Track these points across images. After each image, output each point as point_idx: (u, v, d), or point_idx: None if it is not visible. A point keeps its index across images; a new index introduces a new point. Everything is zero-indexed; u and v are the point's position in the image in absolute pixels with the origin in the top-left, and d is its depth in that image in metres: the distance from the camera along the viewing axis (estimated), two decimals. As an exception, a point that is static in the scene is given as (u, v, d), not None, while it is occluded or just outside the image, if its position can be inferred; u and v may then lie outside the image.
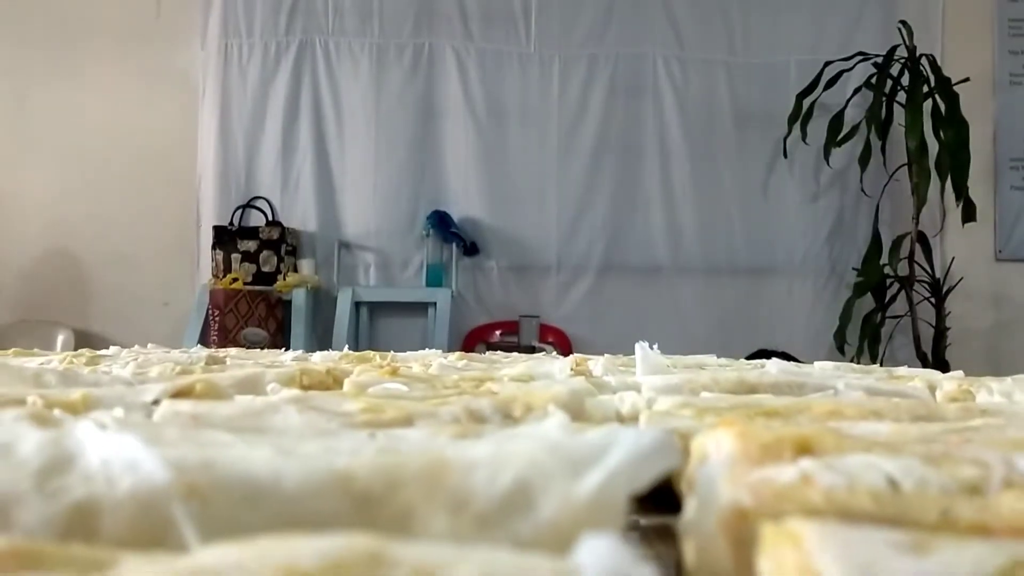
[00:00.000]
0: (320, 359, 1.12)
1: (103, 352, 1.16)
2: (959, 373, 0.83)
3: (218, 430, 0.34)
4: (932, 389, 0.72)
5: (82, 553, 0.21)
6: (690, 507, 0.25)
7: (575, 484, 0.22)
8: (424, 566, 0.18)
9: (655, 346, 0.78)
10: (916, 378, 0.80)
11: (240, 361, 1.12)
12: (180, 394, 0.57)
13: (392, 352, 1.28)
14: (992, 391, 0.62)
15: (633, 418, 0.52)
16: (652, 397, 0.57)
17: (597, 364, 1.04)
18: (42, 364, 0.97)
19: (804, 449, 0.32)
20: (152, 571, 0.19)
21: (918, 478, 0.28)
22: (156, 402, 0.54)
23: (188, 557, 0.20)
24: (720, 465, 0.26)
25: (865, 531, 0.20)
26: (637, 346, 0.78)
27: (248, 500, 0.22)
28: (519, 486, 0.22)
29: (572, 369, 0.89)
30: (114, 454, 0.23)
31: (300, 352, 1.33)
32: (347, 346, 1.54)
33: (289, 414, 0.41)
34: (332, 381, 0.74)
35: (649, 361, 0.76)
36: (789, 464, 0.30)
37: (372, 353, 1.18)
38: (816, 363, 1.17)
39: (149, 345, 1.48)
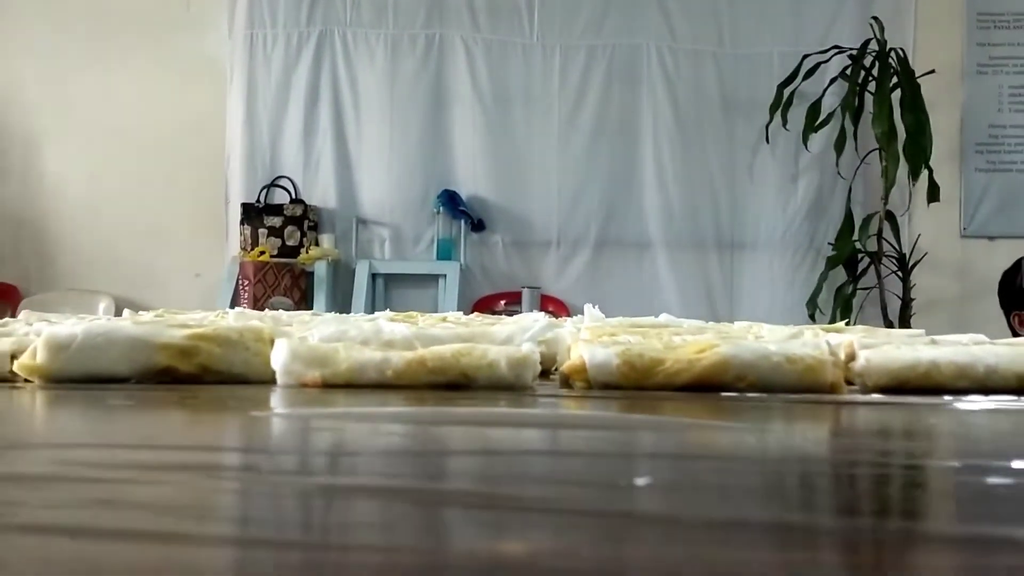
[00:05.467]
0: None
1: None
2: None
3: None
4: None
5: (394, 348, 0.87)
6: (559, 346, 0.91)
7: (525, 335, 0.88)
8: (487, 348, 0.84)
9: (596, 306, 1.43)
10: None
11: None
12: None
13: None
14: (763, 329, 1.27)
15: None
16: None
17: (569, 321, 1.70)
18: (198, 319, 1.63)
19: (610, 336, 0.98)
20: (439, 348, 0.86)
21: (636, 342, 0.94)
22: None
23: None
24: (569, 336, 0.92)
25: (599, 345, 0.85)
26: (586, 306, 1.43)
27: (433, 341, 0.87)
28: (510, 334, 0.88)
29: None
30: (393, 329, 0.89)
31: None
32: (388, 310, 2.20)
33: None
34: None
35: (592, 315, 1.41)
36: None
37: (415, 313, 1.83)
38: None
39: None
